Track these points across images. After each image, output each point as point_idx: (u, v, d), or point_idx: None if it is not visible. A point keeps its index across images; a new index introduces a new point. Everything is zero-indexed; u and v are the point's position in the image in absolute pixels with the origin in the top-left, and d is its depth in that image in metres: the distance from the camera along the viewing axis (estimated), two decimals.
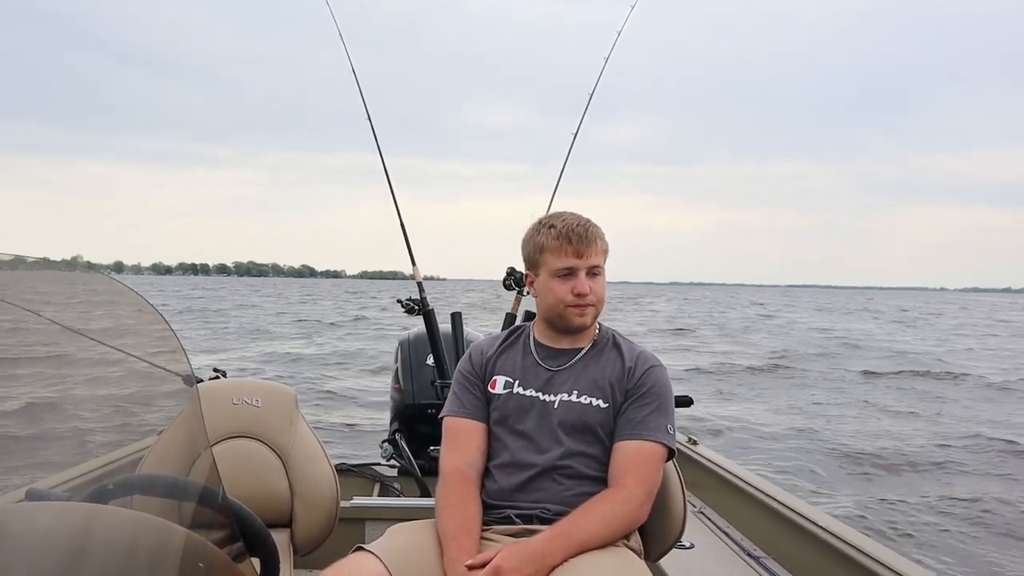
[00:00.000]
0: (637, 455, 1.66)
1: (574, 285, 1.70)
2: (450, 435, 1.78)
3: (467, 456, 1.73)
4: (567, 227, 1.71)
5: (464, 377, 1.83)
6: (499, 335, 1.90)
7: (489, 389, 1.78)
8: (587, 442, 1.69)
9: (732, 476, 3.07)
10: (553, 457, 1.68)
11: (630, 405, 1.70)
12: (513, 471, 1.70)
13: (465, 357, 1.87)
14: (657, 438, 1.67)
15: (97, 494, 1.13)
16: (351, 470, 3.45)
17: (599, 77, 3.55)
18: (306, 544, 2.15)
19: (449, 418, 1.80)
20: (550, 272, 1.72)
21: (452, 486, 1.68)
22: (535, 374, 1.76)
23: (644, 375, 1.72)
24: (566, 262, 1.70)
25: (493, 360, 1.81)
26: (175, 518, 1.10)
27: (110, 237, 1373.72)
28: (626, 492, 1.63)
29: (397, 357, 3.62)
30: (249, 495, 1.81)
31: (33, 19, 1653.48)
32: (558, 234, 1.70)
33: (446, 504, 1.65)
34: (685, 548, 2.55)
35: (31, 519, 0.96)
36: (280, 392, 2.24)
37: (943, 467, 7.52)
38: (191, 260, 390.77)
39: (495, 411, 1.77)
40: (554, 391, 1.73)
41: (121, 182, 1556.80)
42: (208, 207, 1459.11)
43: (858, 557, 2.13)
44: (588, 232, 1.71)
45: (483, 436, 1.76)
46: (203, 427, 1.28)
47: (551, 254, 1.71)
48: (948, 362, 17.45)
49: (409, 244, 3.37)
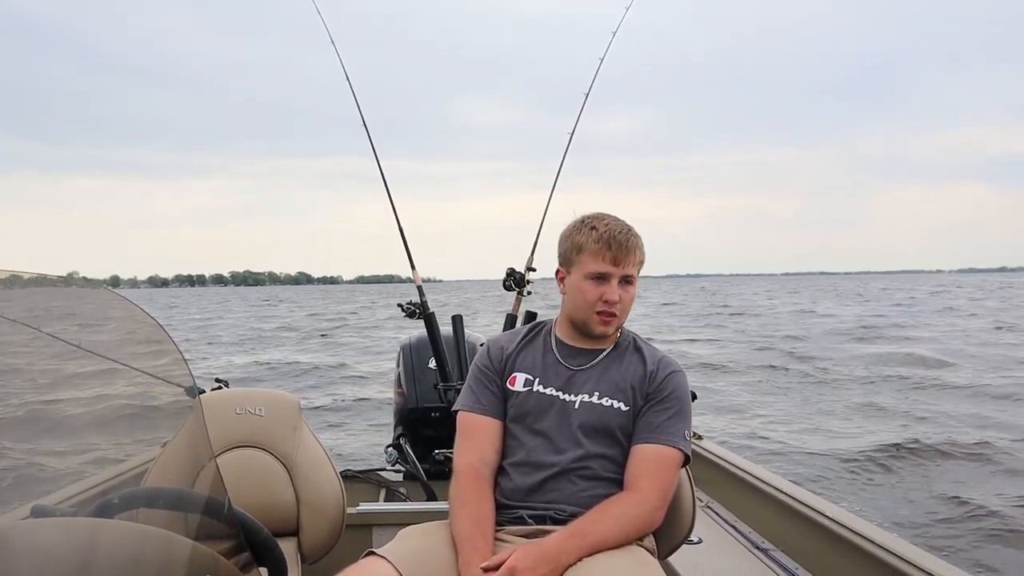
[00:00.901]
0: (654, 459, 1.65)
1: (604, 291, 1.68)
2: (464, 431, 1.75)
3: (482, 453, 1.70)
4: (609, 232, 1.68)
5: (481, 371, 1.79)
6: (519, 330, 1.86)
7: (508, 386, 1.75)
8: (606, 444, 1.68)
9: (738, 470, 3.06)
10: (571, 458, 1.67)
11: (650, 409, 1.69)
12: (528, 471, 1.69)
13: (483, 351, 1.82)
14: (675, 443, 1.66)
15: (102, 508, 1.13)
16: (356, 476, 3.44)
17: (594, 77, 3.54)
18: (314, 552, 2.15)
19: (464, 413, 1.76)
20: (584, 273, 1.69)
21: (466, 485, 1.65)
22: (556, 373, 1.74)
23: (665, 380, 1.71)
24: (602, 267, 1.67)
25: (513, 356, 1.78)
26: (181, 530, 1.09)
27: (104, 251, 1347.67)
28: (642, 495, 1.62)
29: (399, 362, 3.61)
30: (255, 505, 1.80)
31: (17, 30, 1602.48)
32: (599, 237, 1.68)
33: (460, 504, 1.63)
34: (693, 543, 2.55)
35: (36, 536, 0.96)
36: (283, 400, 2.24)
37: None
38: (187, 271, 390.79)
39: (512, 408, 1.74)
40: (575, 391, 1.71)
41: (112, 195, 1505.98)
42: (201, 217, 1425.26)
43: (867, 547, 2.13)
44: (629, 241, 1.68)
45: (498, 433, 1.73)
46: (207, 438, 1.28)
47: (589, 255, 1.69)
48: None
49: (408, 248, 3.36)
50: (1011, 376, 12.21)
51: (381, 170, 3.37)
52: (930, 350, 15.63)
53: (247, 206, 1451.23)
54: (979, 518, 5.40)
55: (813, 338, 19.69)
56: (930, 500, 5.90)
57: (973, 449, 7.29)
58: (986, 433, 7.99)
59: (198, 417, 1.44)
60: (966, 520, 5.40)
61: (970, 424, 8.57)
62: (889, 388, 11.50)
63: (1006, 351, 15.87)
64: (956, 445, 7.40)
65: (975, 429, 8.24)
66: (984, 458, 7.03)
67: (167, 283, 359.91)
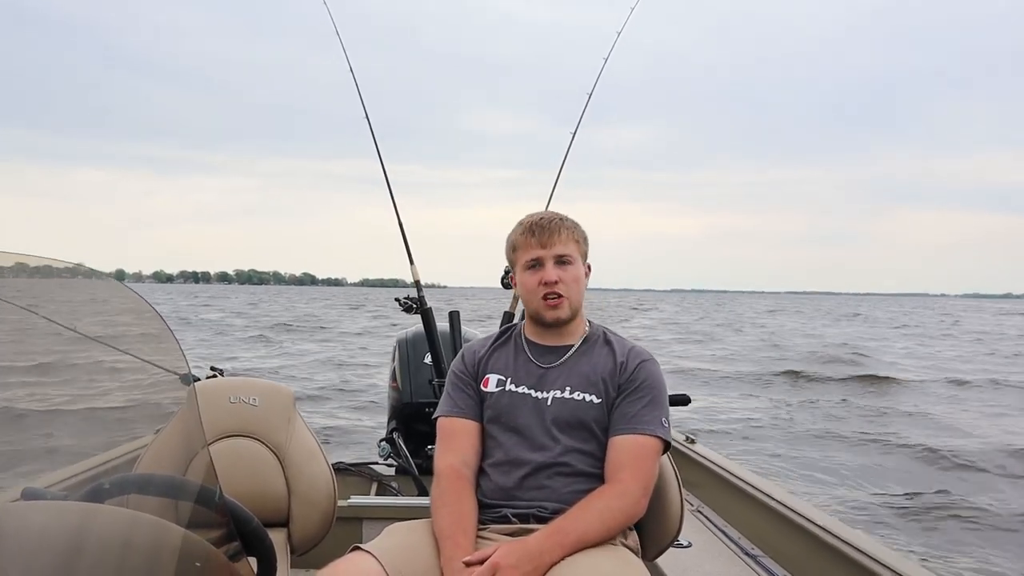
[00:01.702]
0: (632, 449, 1.66)
1: (542, 275, 1.73)
2: (444, 435, 1.78)
3: (462, 455, 1.73)
4: (531, 220, 1.78)
5: (457, 377, 1.83)
6: (491, 335, 1.91)
7: (482, 388, 1.79)
8: (582, 439, 1.69)
9: (729, 474, 3.07)
10: (549, 455, 1.68)
11: (623, 400, 1.70)
12: (508, 469, 1.70)
13: (458, 358, 1.88)
14: (652, 431, 1.67)
15: (93, 493, 1.13)
16: (349, 469, 3.44)
17: (598, 77, 3.55)
18: (303, 543, 2.15)
19: (443, 418, 1.79)
20: (521, 266, 1.77)
21: (447, 485, 1.68)
22: (527, 371, 1.77)
23: (636, 369, 1.73)
24: (532, 253, 1.74)
25: (485, 359, 1.82)
26: (172, 517, 1.09)
27: (110, 245, 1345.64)
28: (622, 487, 1.63)
29: (395, 356, 3.61)
30: (246, 494, 1.80)
31: (31, 22, 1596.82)
32: (524, 228, 1.77)
33: (442, 503, 1.65)
34: (682, 547, 2.55)
35: (27, 518, 0.96)
36: (278, 391, 2.24)
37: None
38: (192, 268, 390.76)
39: (488, 409, 1.77)
40: (546, 388, 1.74)
41: (119, 189, 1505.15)
42: (207, 214, 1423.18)
43: (855, 555, 2.13)
44: (552, 223, 1.75)
45: (477, 435, 1.76)
46: (200, 426, 1.28)
47: (520, 249, 1.77)
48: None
49: (407, 242, 3.37)
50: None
51: (381, 160, 3.37)
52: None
53: (253, 205, 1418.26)
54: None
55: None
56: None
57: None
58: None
59: (192, 405, 1.44)
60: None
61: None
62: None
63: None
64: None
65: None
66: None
67: (172, 279, 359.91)
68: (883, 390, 13.56)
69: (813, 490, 6.55)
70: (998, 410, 11.44)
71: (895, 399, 12.46)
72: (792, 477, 7.08)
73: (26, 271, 1.29)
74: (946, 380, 14.74)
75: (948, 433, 9.30)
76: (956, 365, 18.05)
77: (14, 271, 1.25)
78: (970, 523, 5.72)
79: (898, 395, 13.01)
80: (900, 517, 5.86)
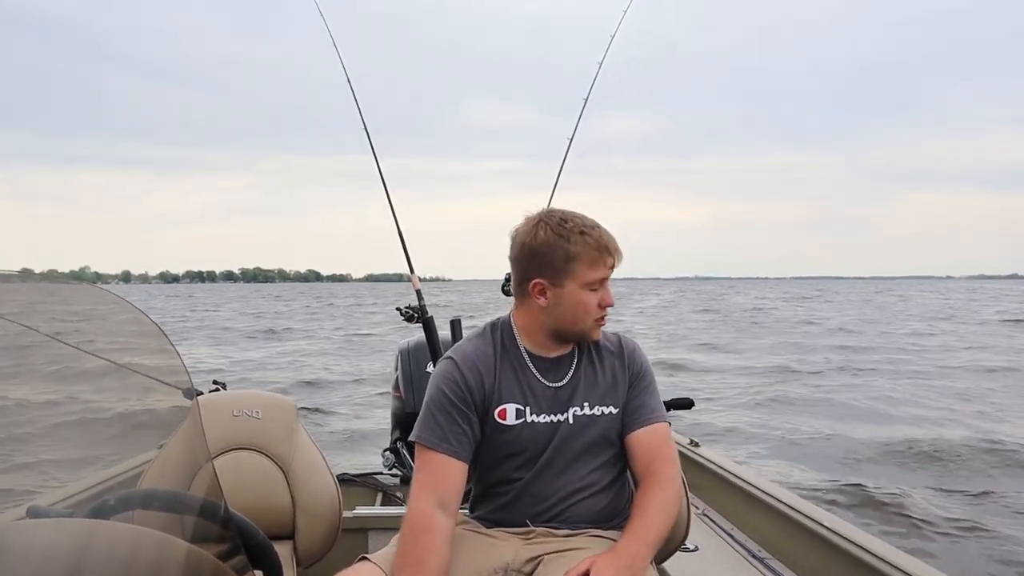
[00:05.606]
0: (654, 439, 1.65)
1: (603, 297, 1.62)
2: (424, 467, 1.57)
3: (441, 496, 1.53)
4: (601, 237, 1.59)
5: (449, 401, 1.58)
6: (485, 346, 1.66)
7: (497, 419, 1.60)
8: (603, 450, 1.66)
9: (735, 478, 3.06)
10: (574, 480, 1.64)
11: (633, 394, 1.68)
12: (530, 502, 1.64)
13: (450, 371, 1.61)
14: (661, 416, 1.67)
15: (98, 510, 1.13)
16: (353, 480, 3.43)
17: (593, 81, 3.53)
18: (309, 556, 2.14)
19: (426, 450, 1.57)
20: (582, 283, 1.58)
21: (412, 539, 1.50)
22: (543, 395, 1.63)
23: (635, 358, 1.71)
24: (602, 273, 1.59)
25: (497, 384, 1.62)
26: (177, 532, 1.09)
27: (116, 247, 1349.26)
28: (665, 477, 1.62)
29: (397, 365, 3.60)
30: (251, 507, 1.80)
31: (30, 25, 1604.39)
32: (596, 244, 1.57)
33: (404, 563, 1.48)
34: (689, 551, 2.54)
35: (32, 536, 0.95)
36: (280, 403, 2.24)
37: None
38: (198, 268, 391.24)
39: (507, 444, 1.61)
40: (563, 409, 1.63)
41: (123, 191, 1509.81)
42: (211, 213, 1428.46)
43: (865, 557, 2.12)
44: (615, 242, 1.62)
45: (463, 476, 1.57)
46: (204, 440, 1.28)
47: (587, 266, 1.57)
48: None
49: (407, 252, 3.36)
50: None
51: (381, 174, 3.36)
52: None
53: (258, 203, 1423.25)
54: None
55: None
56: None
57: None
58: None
59: (195, 419, 1.43)
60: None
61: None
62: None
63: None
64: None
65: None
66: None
67: (178, 279, 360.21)
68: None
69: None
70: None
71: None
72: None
73: (33, 277, 1.29)
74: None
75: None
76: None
77: (21, 277, 1.25)
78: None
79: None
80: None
